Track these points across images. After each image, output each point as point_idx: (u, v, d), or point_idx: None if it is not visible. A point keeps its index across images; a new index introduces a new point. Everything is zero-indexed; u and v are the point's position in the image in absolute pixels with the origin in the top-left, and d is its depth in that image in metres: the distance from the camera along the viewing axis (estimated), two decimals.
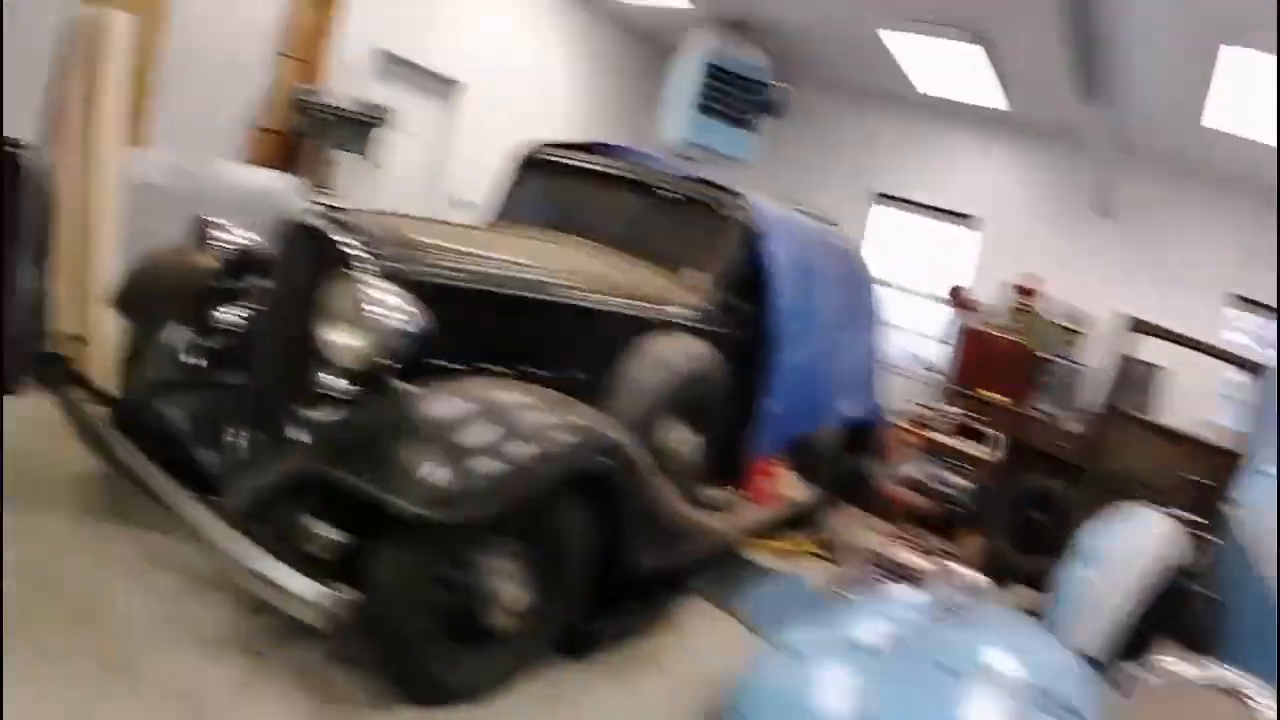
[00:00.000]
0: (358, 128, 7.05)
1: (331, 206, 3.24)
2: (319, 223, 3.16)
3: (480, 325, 3.39)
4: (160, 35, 6.08)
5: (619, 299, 3.99)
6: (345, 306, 2.88)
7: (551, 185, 5.17)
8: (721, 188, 4.82)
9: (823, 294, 5.35)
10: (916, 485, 7.89)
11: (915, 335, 10.32)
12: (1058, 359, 9.22)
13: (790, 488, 5.87)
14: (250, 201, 6.26)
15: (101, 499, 3.88)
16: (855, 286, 6.10)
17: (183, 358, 3.64)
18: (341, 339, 2.87)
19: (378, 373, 2.88)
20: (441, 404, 2.88)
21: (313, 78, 7.17)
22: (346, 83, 7.26)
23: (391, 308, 2.86)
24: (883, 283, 6.71)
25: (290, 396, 3.06)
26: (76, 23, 5.33)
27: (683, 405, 4.05)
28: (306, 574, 2.57)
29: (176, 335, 3.70)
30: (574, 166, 5.13)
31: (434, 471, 2.66)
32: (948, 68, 8.51)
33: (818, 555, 6.03)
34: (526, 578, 3.02)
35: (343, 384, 2.92)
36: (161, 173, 5.92)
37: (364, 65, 7.61)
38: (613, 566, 3.38)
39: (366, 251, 3.06)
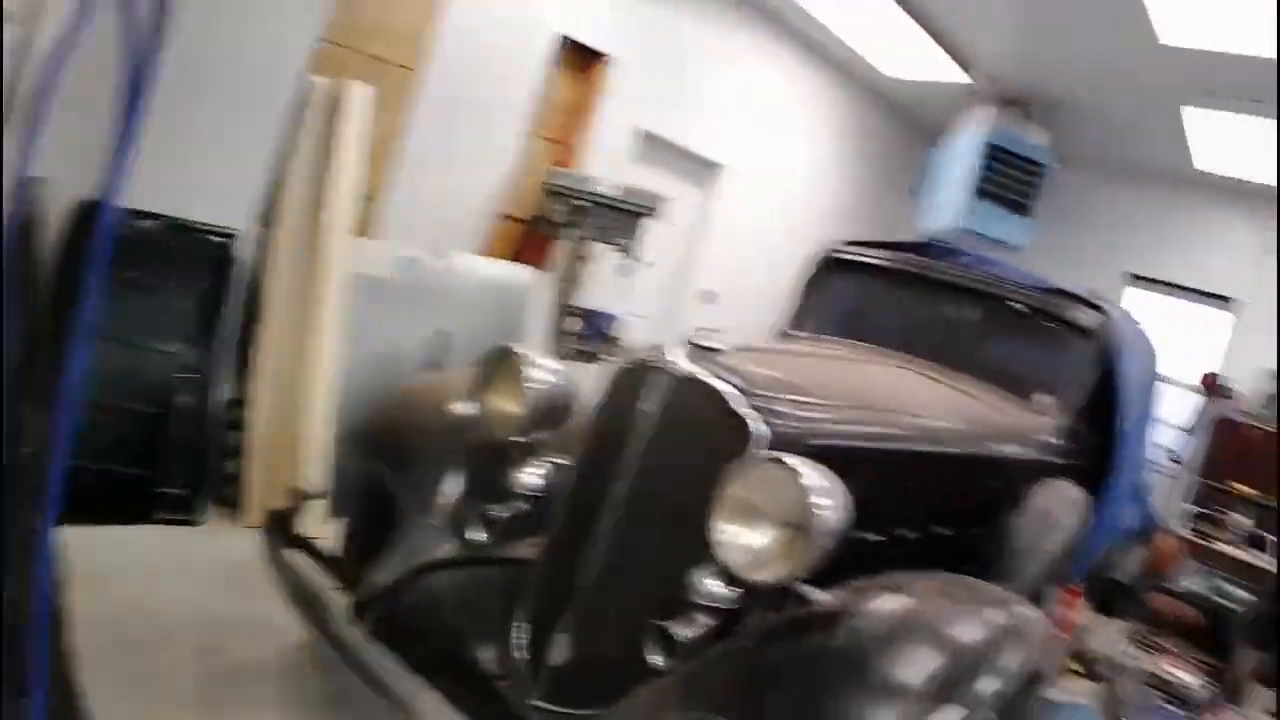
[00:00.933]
0: (624, 217, 6.51)
1: (706, 348, 2.56)
2: (710, 379, 2.49)
3: (869, 490, 2.53)
4: (403, 111, 5.77)
5: (1002, 442, 3.59)
6: (756, 494, 2.24)
7: (862, 291, 4.73)
8: (1080, 298, 4.36)
9: (1139, 403, 4.89)
10: (1187, 596, 7.42)
11: (1161, 426, 9.66)
12: None
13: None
14: (492, 300, 5.89)
15: (326, 682, 3.19)
16: (1149, 386, 5.62)
17: (463, 526, 2.82)
18: (749, 537, 2.24)
19: (792, 581, 2.23)
20: (880, 626, 2.21)
21: (568, 161, 6.89)
22: (602, 166, 6.89)
23: (824, 496, 2.19)
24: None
25: (646, 601, 2.40)
26: (310, 94, 4.86)
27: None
28: None
29: (447, 493, 2.92)
30: (892, 270, 4.66)
31: None
32: (1232, 141, 7.95)
33: (1077, 673, 5.58)
34: None
35: (729, 592, 2.28)
36: (391, 265, 5.40)
37: (623, 147, 7.27)
38: None
39: (769, 414, 2.45)
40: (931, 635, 2.22)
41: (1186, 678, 5.84)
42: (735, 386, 2.47)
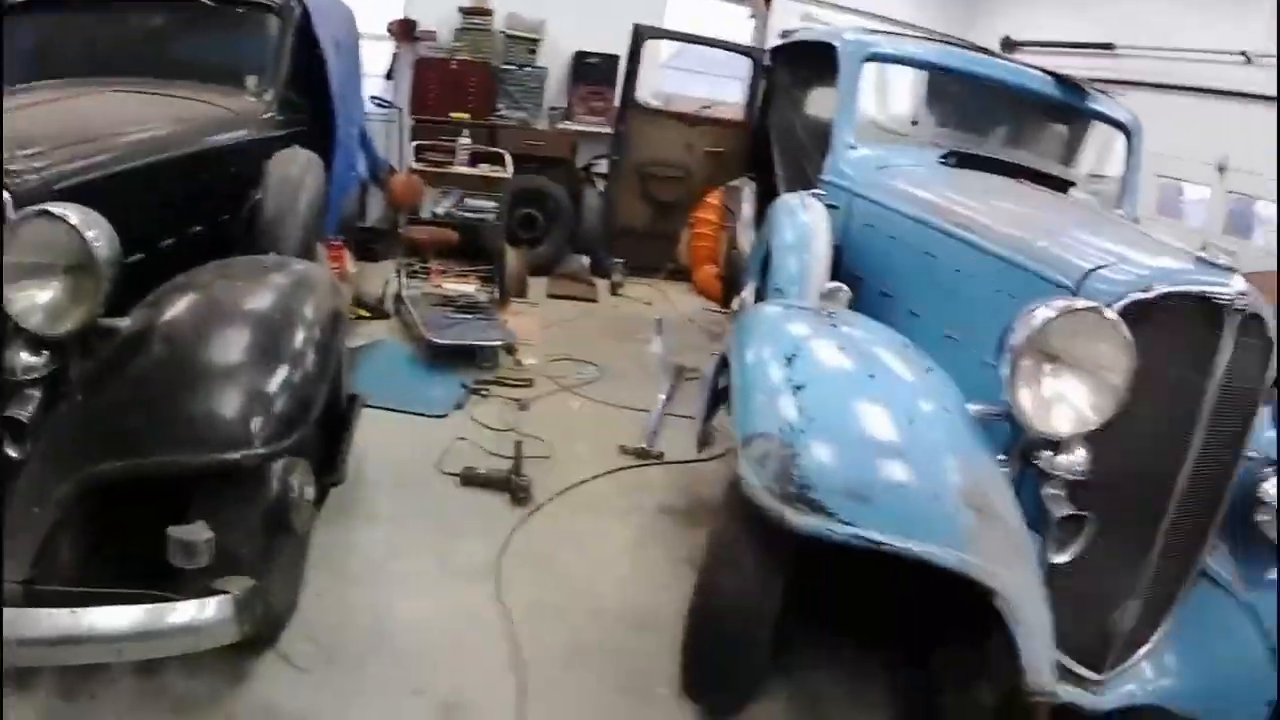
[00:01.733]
0: None
1: None
2: None
3: (122, 214, 2.56)
4: None
5: (223, 131, 3.79)
6: (30, 254, 2.27)
7: (45, 29, 4.36)
8: None
9: (345, 63, 5.35)
10: (439, 220, 8.22)
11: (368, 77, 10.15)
12: (517, 68, 9.69)
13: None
14: None
15: None
16: (352, 46, 6.08)
17: None
18: (40, 296, 2.30)
19: (92, 322, 2.36)
20: (187, 325, 2.41)
21: None
22: None
23: (92, 229, 2.30)
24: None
25: None
26: None
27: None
28: (157, 596, 2.14)
29: None
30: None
31: (235, 403, 2.27)
32: None
33: (367, 316, 6.24)
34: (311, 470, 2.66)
35: (43, 358, 2.32)
36: None
37: None
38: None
39: (9, 175, 2.39)
40: (234, 313, 2.50)
41: (466, 289, 6.61)
42: None
